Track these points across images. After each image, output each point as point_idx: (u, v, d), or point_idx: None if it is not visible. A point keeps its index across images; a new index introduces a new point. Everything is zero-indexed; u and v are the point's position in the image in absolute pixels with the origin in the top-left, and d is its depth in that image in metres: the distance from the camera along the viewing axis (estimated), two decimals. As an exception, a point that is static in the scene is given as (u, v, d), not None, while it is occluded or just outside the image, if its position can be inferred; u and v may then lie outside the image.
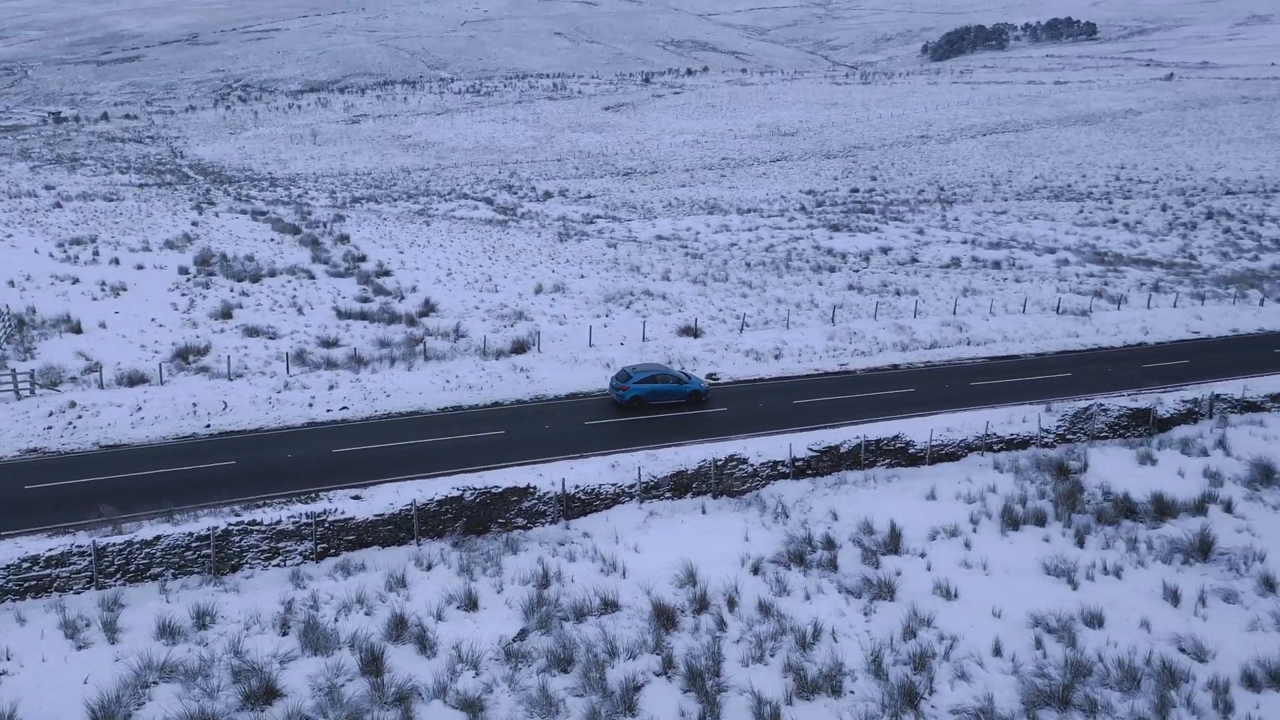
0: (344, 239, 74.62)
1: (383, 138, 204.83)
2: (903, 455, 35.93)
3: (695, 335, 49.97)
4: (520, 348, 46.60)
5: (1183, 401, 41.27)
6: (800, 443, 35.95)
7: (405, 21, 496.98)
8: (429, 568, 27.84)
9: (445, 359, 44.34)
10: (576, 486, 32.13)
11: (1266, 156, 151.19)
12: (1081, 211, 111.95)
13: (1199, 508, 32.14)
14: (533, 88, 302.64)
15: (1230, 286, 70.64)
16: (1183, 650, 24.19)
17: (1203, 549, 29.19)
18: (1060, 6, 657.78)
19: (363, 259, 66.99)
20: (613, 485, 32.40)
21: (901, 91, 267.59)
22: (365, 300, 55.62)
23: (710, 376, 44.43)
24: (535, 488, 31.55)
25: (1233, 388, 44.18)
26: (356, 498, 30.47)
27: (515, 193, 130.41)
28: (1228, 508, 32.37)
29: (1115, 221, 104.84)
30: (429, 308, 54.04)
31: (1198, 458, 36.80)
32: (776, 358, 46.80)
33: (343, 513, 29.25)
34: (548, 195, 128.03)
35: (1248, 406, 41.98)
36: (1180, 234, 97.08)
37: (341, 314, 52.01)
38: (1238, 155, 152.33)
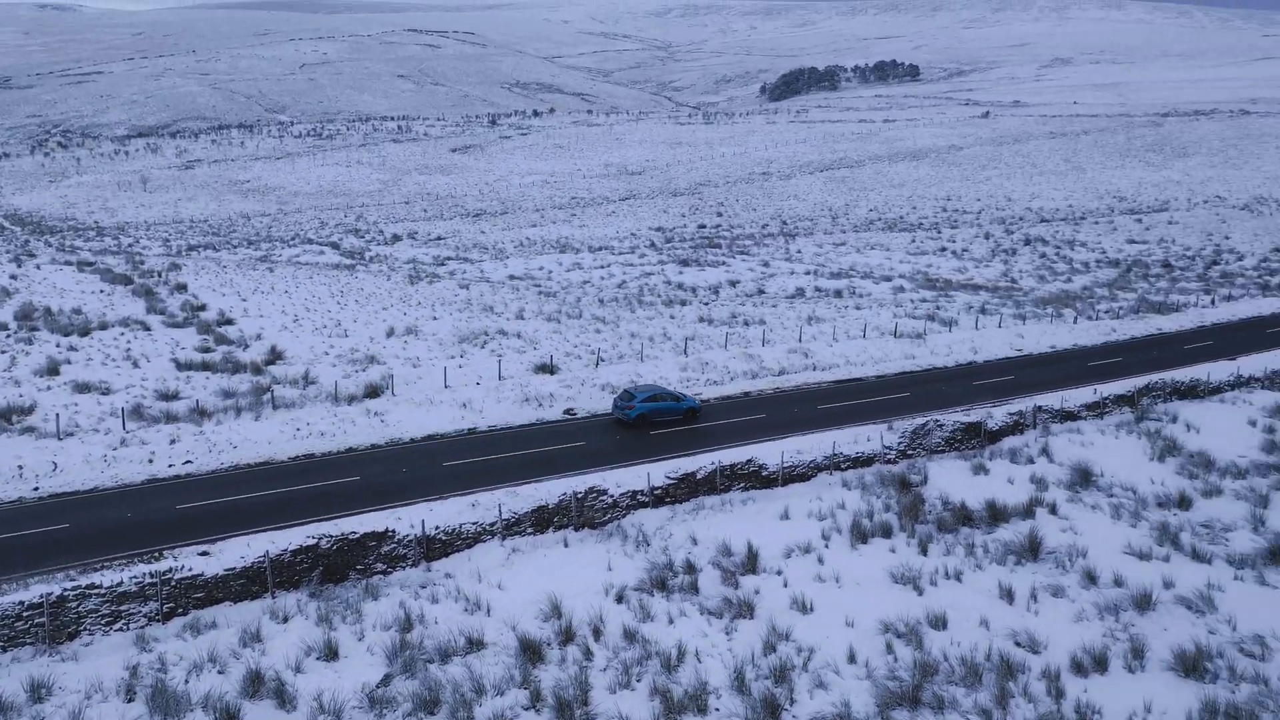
0: (181, 288, 71.63)
1: (219, 183, 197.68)
2: (757, 478, 37.13)
3: (551, 372, 50.28)
4: (373, 392, 45.81)
5: (1010, 414, 44.21)
6: (658, 472, 36.67)
7: (240, 64, 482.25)
8: (285, 620, 27.00)
9: (295, 407, 43.15)
10: (437, 528, 31.82)
11: (1074, 187, 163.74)
12: (913, 241, 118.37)
13: (1028, 511, 34.46)
14: (377, 130, 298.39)
15: (1048, 307, 76.02)
16: (1018, 644, 25.88)
17: (1032, 549, 31.31)
18: (885, 50, 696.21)
19: (202, 308, 64.46)
20: (474, 524, 32.23)
21: (742, 130, 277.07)
22: (207, 350, 53.52)
23: (568, 412, 44.78)
24: (394, 532, 31.07)
25: (1053, 399, 47.60)
26: (205, 553, 29.29)
27: (363, 236, 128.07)
28: (1053, 510, 34.83)
29: (944, 250, 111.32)
30: (276, 355, 52.46)
31: (1025, 465, 39.47)
32: (632, 390, 47.58)
33: (190, 570, 28.06)
34: (397, 238, 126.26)
35: (1066, 416, 45.31)
36: (1002, 260, 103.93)
37: (181, 365, 49.88)
38: (1049, 186, 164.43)
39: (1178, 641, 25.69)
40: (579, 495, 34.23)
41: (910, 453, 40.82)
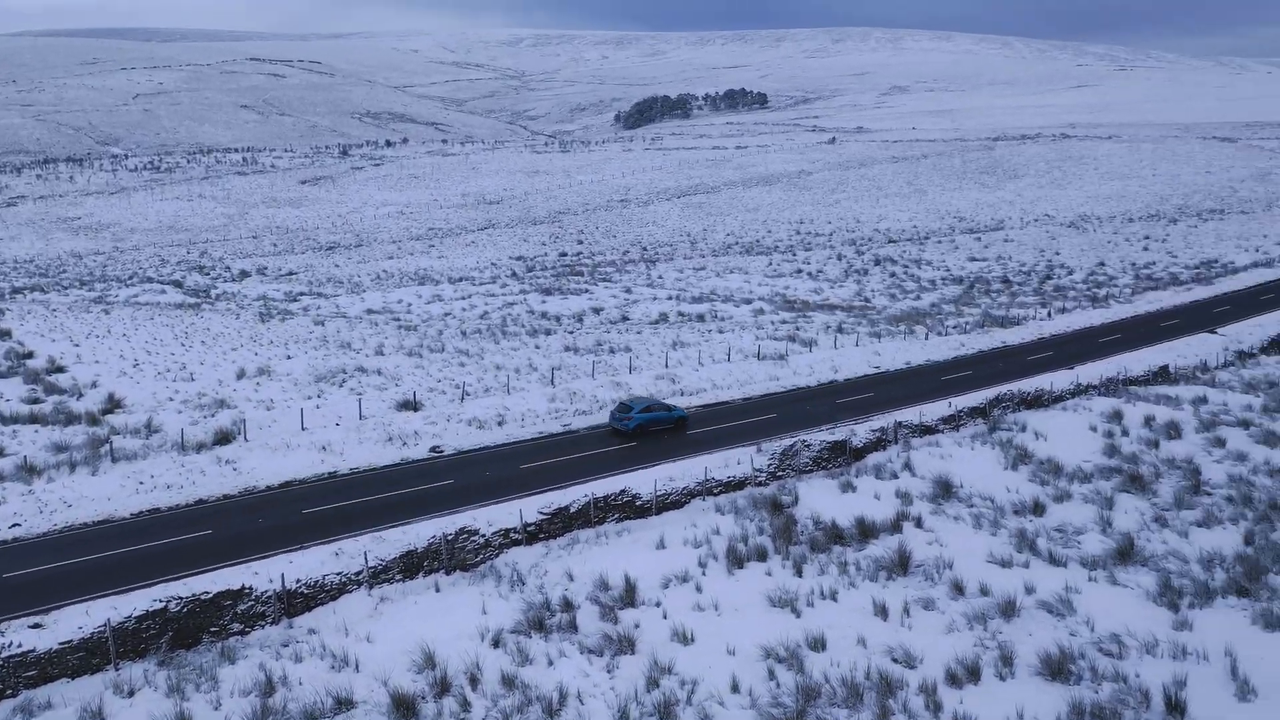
0: (4, 334, 66.40)
1: (46, 221, 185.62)
2: (631, 508, 36.77)
3: (415, 409, 48.76)
4: (224, 438, 43.31)
5: (873, 431, 45.35)
6: (531, 507, 35.85)
7: (67, 95, 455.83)
8: (131, 694, 24.90)
9: (137, 458, 40.32)
10: (298, 581, 30.09)
11: (917, 209, 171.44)
12: (771, 264, 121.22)
13: (895, 526, 35.23)
14: (220, 162, 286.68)
15: (900, 324, 78.89)
16: (895, 660, 26.23)
17: (902, 564, 31.95)
18: (734, 79, 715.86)
19: (29, 355, 59.83)
20: (338, 575, 30.66)
21: (599, 158, 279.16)
22: (35, 401, 49.59)
23: (434, 449, 43.43)
24: (251, 588, 29.20)
25: (911, 414, 49.15)
26: (37, 625, 26.79)
27: (208, 273, 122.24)
28: (919, 523, 35.73)
29: (800, 271, 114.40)
30: (114, 404, 49.05)
31: (889, 480, 40.45)
32: (500, 424, 46.60)
33: (20, 646, 25.57)
34: (245, 274, 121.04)
35: (925, 430, 46.81)
36: (855, 280, 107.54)
37: (5, 419, 46.02)
38: (895, 208, 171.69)
39: (1043, 646, 26.54)
40: (449, 537, 33.06)
41: (780, 474, 41.29)
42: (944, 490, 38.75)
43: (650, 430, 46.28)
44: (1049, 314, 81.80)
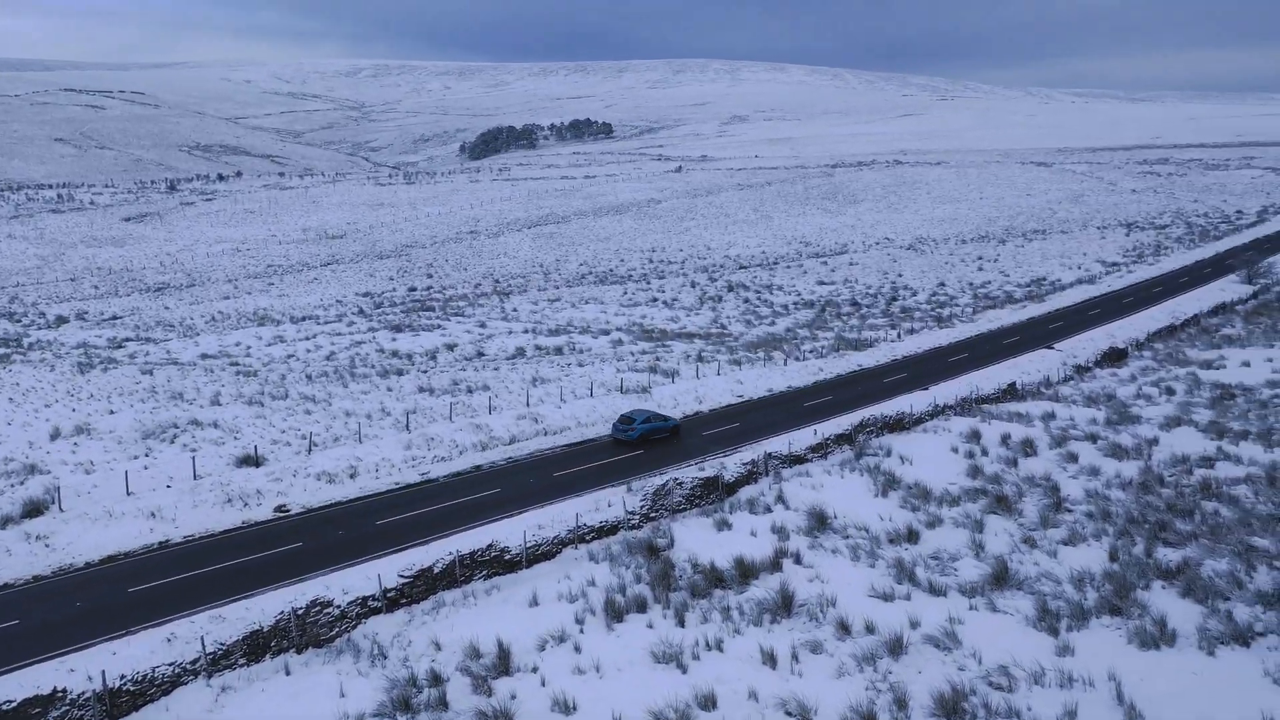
0: None
1: None
2: (500, 563, 34.48)
3: (257, 464, 44.97)
4: (35, 510, 38.59)
5: (743, 464, 44.50)
6: (390, 569, 33.09)
7: None
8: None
9: (-72, 540, 35.32)
10: (123, 677, 26.48)
11: (765, 234, 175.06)
12: (625, 293, 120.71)
13: (774, 565, 34.23)
14: (32, 199, 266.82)
15: (758, 350, 79.25)
16: (789, 713, 24.96)
17: (785, 605, 30.89)
18: (578, 109, 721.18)
19: None
20: (171, 665, 27.18)
21: (446, 190, 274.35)
22: None
23: (280, 509, 39.94)
24: (66, 690, 25.46)
25: (779, 443, 48.68)
26: None
27: (18, 320, 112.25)
28: (797, 559, 34.85)
29: (655, 300, 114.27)
30: (-99, 476, 43.25)
31: (764, 515, 39.57)
32: (352, 477, 43.44)
33: None
34: (62, 320, 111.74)
35: (795, 460, 46.34)
36: (710, 307, 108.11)
37: None
38: (743, 235, 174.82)
39: (934, 684, 25.84)
40: (299, 610, 30.00)
41: (653, 515, 39.81)
42: (819, 522, 38.12)
43: (651, 439, 49.91)
44: (899, 335, 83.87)
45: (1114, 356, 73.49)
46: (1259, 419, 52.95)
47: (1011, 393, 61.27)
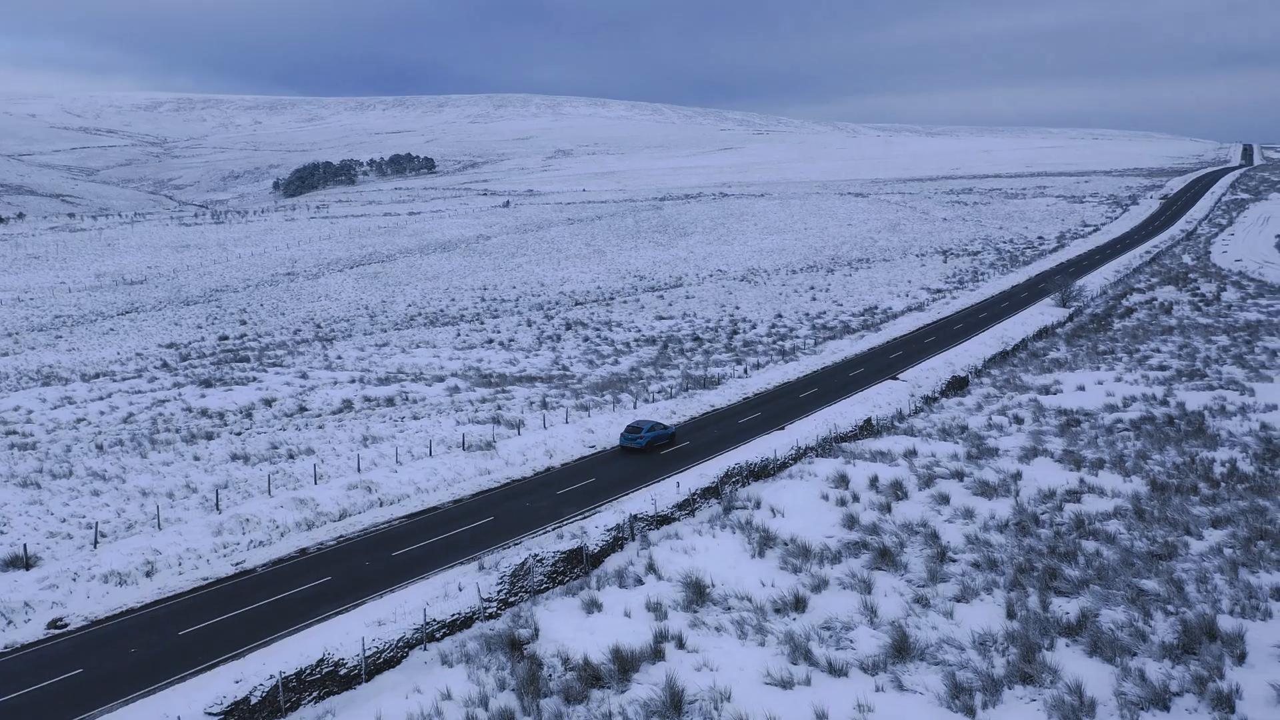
0: None
1: None
2: (334, 680, 28.91)
3: (27, 566, 37.45)
4: None
5: (607, 530, 40.38)
6: (196, 703, 27.06)
7: None
8: None
9: None
10: None
11: (599, 269, 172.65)
12: (459, 335, 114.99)
13: (656, 652, 30.26)
14: None
15: (605, 393, 75.64)
16: None
17: (675, 705, 26.96)
18: (399, 144, 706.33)
19: None
20: None
21: (259, 229, 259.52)
22: None
23: (56, 624, 32.92)
24: None
25: (642, 502, 44.90)
26: None
27: None
28: (680, 643, 31.01)
29: (491, 341, 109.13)
30: None
31: (635, 589, 35.59)
32: (149, 575, 36.67)
33: None
34: None
35: (661, 520, 42.63)
36: (550, 347, 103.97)
37: None
38: (577, 270, 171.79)
39: (857, 796, 22.42)
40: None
41: (513, 599, 35.08)
42: (697, 594, 34.45)
43: (656, 445, 56.29)
44: (746, 371, 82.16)
45: (957, 385, 73.94)
46: (1108, 445, 53.25)
47: (868, 429, 59.91)
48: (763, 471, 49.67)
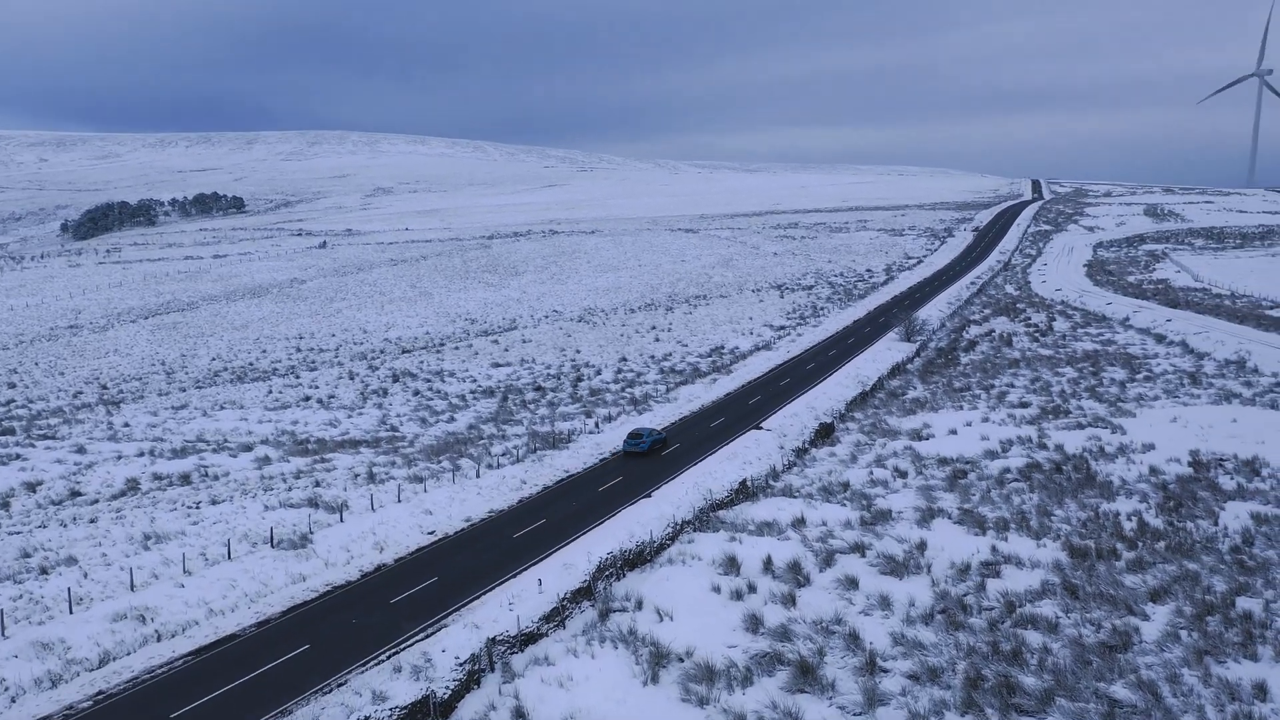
0: None
1: None
2: None
3: None
4: None
5: (458, 663, 31.87)
6: None
7: None
8: None
9: None
10: None
11: (426, 313, 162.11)
12: (271, 392, 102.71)
13: None
14: None
15: (441, 458, 66.70)
16: None
17: None
18: (205, 182, 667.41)
19: None
20: None
21: (38, 277, 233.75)
22: None
23: None
24: None
25: (498, 610, 36.66)
26: None
27: None
28: (571, 839, 23.05)
29: (309, 399, 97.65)
30: None
31: (503, 748, 27.41)
32: None
33: None
34: None
35: (525, 640, 34.39)
36: (376, 403, 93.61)
37: None
38: (402, 314, 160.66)
39: None
40: None
41: (336, 782, 26.15)
42: (584, 750, 26.63)
43: (656, 448, 62.97)
44: (597, 425, 74.99)
45: (825, 433, 69.16)
46: (1004, 500, 48.98)
47: (744, 492, 53.70)
48: (638, 558, 42.28)
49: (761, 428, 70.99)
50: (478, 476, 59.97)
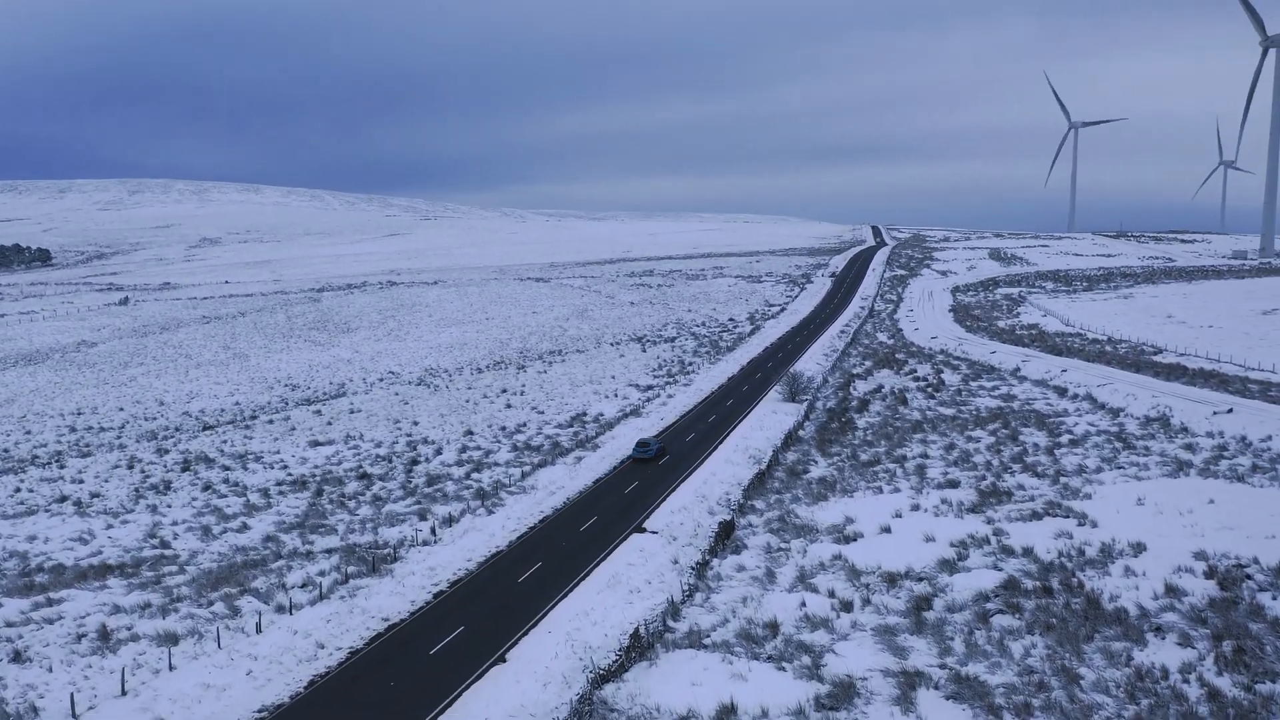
0: None
1: None
2: None
3: None
4: None
5: None
6: None
7: None
8: None
9: None
10: None
11: (239, 378, 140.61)
12: (16, 491, 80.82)
13: None
14: None
15: (217, 593, 48.69)
16: None
17: None
18: (9, 234, 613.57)
19: None
20: None
21: None
22: None
23: None
24: None
25: None
26: None
27: None
28: None
29: (64, 499, 76.58)
30: None
31: None
32: None
33: None
34: None
35: None
36: (150, 505, 73.55)
37: None
38: (210, 381, 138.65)
39: None
40: None
41: None
42: None
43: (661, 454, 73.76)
44: (434, 530, 58.33)
45: (725, 533, 54.72)
46: (999, 651, 35.40)
47: (638, 648, 38.26)
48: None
49: (645, 530, 56.04)
50: (258, 631, 42.43)
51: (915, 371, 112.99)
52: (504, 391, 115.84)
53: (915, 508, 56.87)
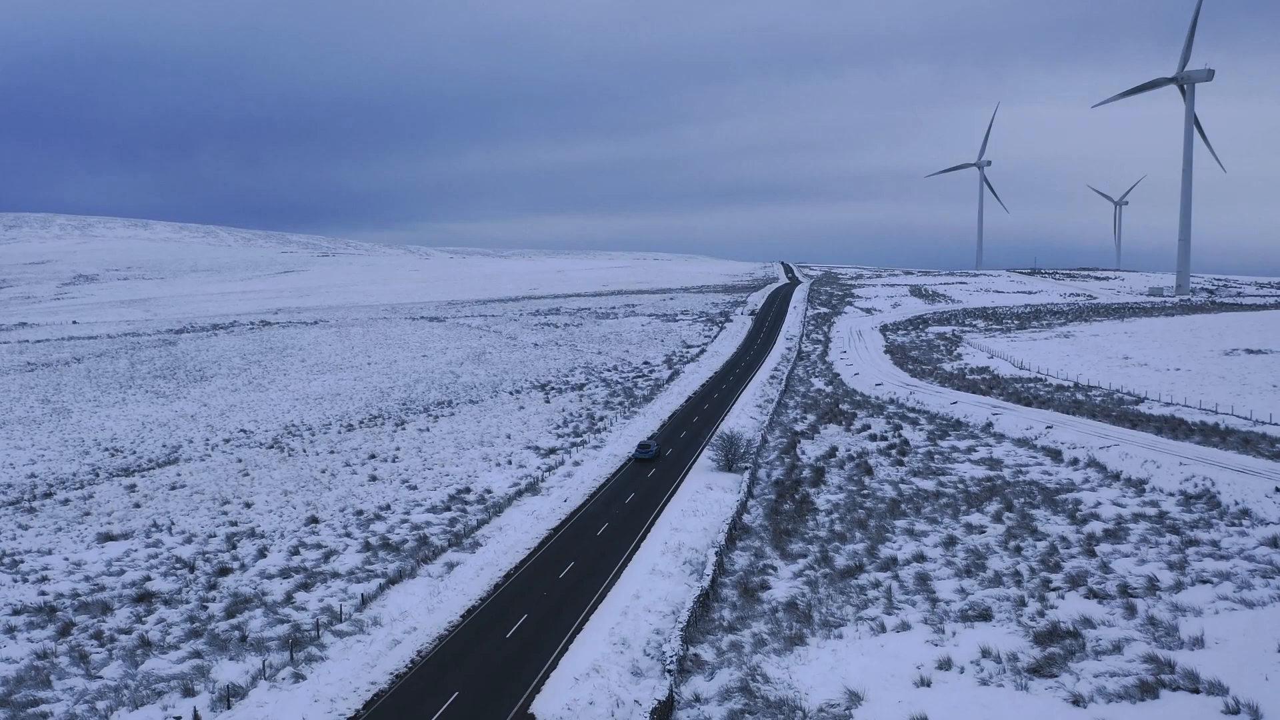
0: None
1: None
2: None
3: None
4: None
5: None
6: None
7: None
8: None
9: None
10: None
11: (50, 440, 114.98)
12: None
13: None
14: None
15: None
16: None
17: None
18: None
19: None
20: None
21: None
22: None
23: None
24: None
25: None
26: None
27: None
28: None
29: None
30: None
31: None
32: None
33: None
34: None
35: None
36: None
37: None
38: (9, 445, 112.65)
39: None
40: None
41: None
42: None
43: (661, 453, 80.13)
44: (212, 707, 36.52)
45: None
46: None
47: None
48: None
49: (532, 716, 35.29)
50: None
51: (869, 428, 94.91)
52: (372, 457, 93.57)
53: (945, 665, 37.54)
